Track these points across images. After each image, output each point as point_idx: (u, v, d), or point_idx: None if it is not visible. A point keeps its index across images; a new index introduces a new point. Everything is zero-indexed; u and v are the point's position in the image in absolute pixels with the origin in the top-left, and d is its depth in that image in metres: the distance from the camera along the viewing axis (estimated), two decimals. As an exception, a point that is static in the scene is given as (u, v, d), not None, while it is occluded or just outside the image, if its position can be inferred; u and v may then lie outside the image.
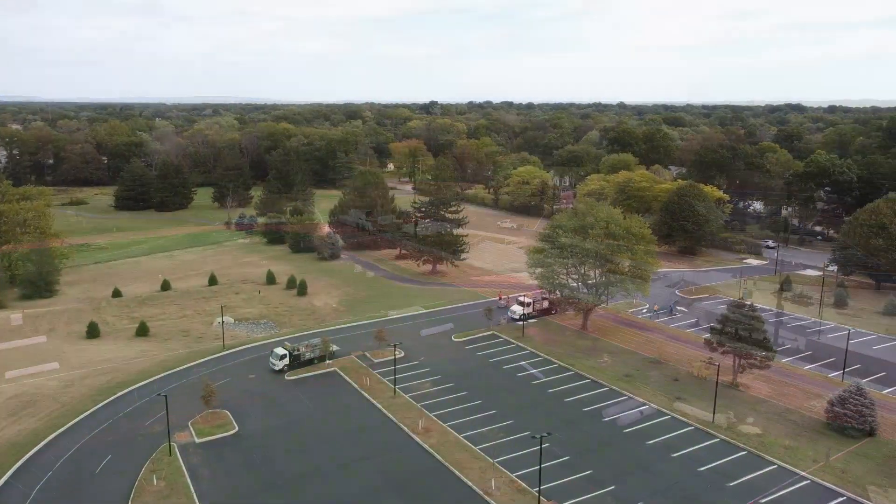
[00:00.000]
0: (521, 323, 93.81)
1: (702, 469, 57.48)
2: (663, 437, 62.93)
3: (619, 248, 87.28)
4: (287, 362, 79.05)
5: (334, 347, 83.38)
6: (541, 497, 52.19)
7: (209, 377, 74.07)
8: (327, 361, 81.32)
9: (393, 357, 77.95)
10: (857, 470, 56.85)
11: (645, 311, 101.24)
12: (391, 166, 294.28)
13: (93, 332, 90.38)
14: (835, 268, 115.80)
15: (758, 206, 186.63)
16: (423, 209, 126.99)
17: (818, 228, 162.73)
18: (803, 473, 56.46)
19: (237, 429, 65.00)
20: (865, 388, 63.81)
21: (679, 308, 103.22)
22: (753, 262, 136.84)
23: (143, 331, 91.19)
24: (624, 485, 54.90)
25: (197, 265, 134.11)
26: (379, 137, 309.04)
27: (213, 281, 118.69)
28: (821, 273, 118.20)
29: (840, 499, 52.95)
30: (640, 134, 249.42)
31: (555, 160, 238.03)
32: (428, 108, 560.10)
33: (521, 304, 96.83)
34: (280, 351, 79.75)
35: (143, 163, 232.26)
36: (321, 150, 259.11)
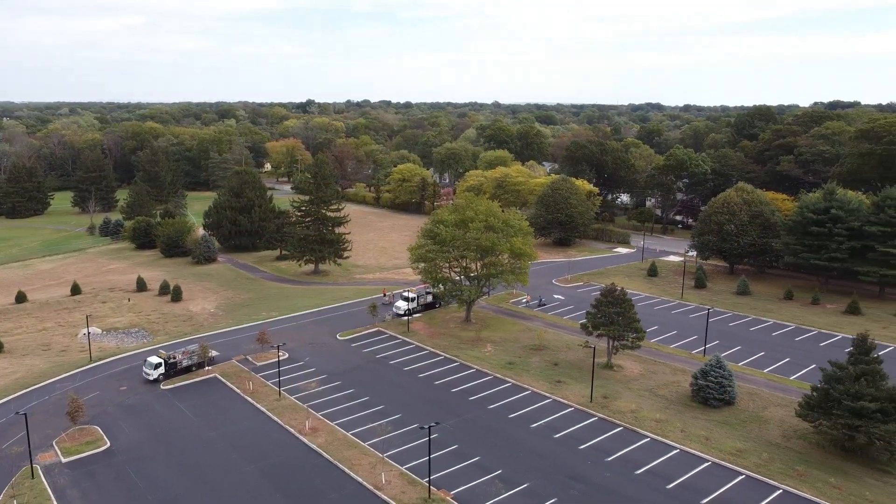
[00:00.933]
0: (406, 318, 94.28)
1: (582, 447, 60.24)
2: (546, 420, 65.37)
3: (499, 240, 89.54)
4: (162, 371, 75.15)
5: (214, 353, 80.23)
6: (431, 486, 52.80)
7: (75, 392, 69.04)
8: (206, 368, 78.10)
9: (277, 359, 76.05)
10: (720, 436, 61.62)
11: (524, 301, 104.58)
12: (268, 166, 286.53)
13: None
14: (694, 253, 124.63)
15: (625, 198, 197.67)
16: (303, 208, 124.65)
17: (678, 217, 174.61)
18: (673, 443, 60.51)
19: (109, 444, 61.16)
20: (724, 362, 69.12)
21: (556, 296, 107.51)
22: (622, 250, 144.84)
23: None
24: (511, 468, 56.56)
25: (57, 274, 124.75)
26: (254, 137, 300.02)
27: (76, 290, 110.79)
28: (682, 258, 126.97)
29: (706, 464, 57.17)
30: (514, 132, 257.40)
31: (434, 158, 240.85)
32: (305, 108, 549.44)
33: (406, 299, 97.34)
34: (154, 360, 75.69)
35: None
36: (192, 150, 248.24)
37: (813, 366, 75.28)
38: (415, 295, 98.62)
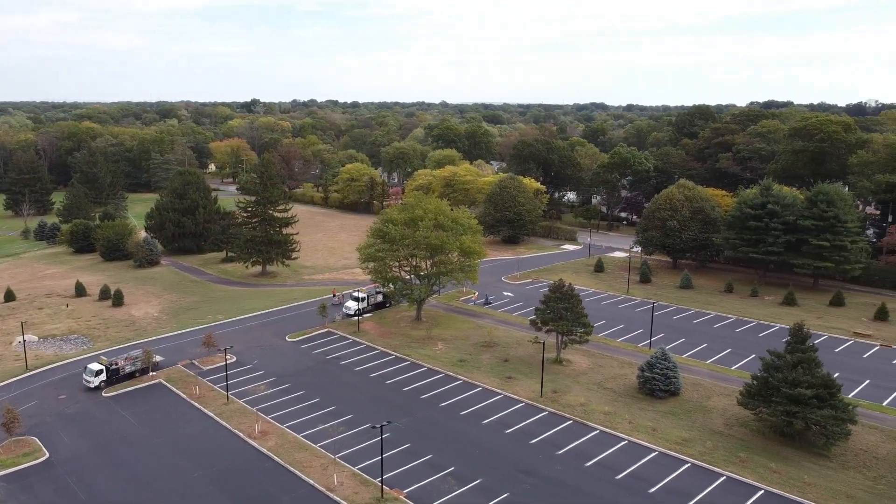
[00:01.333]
0: (356, 318, 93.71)
1: (533, 441, 60.93)
2: (497, 416, 65.88)
3: (448, 239, 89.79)
4: (104, 378, 72.84)
5: (158, 358, 78.20)
6: (383, 486, 52.62)
7: (10, 402, 66.32)
8: (151, 373, 76.05)
9: (224, 362, 74.59)
10: (666, 426, 63.18)
11: (473, 299, 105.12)
12: (212, 166, 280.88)
13: None
14: (638, 249, 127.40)
15: (571, 195, 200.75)
16: (250, 209, 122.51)
17: (623, 214, 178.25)
18: (621, 435, 61.76)
19: (48, 455, 58.97)
20: (669, 354, 70.89)
21: (505, 294, 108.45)
22: (570, 247, 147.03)
23: (-77, 358, 79.77)
24: (463, 465, 56.80)
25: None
26: (197, 137, 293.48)
27: (9, 296, 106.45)
28: (627, 254, 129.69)
29: (653, 453, 58.54)
30: (462, 131, 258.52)
31: (382, 157, 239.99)
32: (250, 107, 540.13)
33: (356, 299, 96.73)
34: (95, 366, 73.26)
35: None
36: (132, 150, 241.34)
37: (753, 356, 77.78)
38: (365, 295, 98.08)
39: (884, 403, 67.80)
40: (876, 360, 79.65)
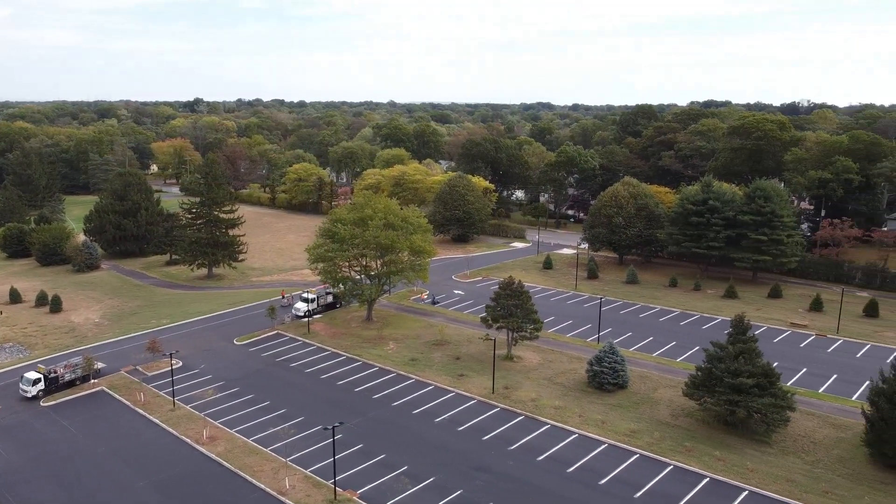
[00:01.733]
0: (306, 319, 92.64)
1: (486, 438, 61.33)
2: (449, 414, 66.08)
3: (399, 238, 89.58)
4: (42, 387, 70.18)
5: (100, 365, 75.73)
6: (336, 488, 52.20)
7: (-59, 415, 63.35)
8: (92, 381, 73.64)
9: (170, 368, 72.72)
10: (615, 419, 64.42)
11: (422, 298, 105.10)
12: (154, 167, 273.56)
13: None
14: (586, 245, 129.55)
15: (520, 194, 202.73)
16: (194, 210, 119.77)
17: (570, 212, 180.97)
18: (572, 428, 62.70)
19: (-17, 468, 56.49)
20: (617, 348, 72.28)
21: (456, 292, 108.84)
22: (519, 245, 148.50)
23: None
24: (416, 463, 56.78)
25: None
26: (138, 137, 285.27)
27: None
28: (574, 251, 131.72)
29: (603, 446, 59.62)
30: (411, 130, 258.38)
31: (331, 157, 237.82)
32: (193, 106, 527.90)
33: (305, 300, 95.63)
34: (32, 375, 70.52)
35: None
36: (69, 151, 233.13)
37: (697, 347, 79.95)
38: (314, 296, 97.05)
39: (820, 390, 70.63)
40: (812, 349, 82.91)
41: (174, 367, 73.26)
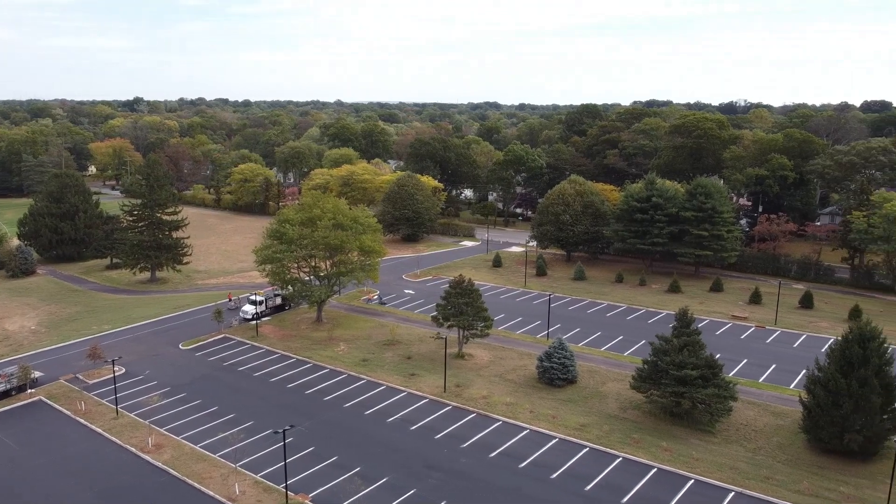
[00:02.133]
0: (254, 322, 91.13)
1: (438, 436, 61.46)
2: (402, 413, 65.97)
3: (348, 238, 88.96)
4: (-25, 398, 67.23)
5: (37, 374, 72.94)
6: (288, 492, 51.53)
7: None
8: (29, 391, 70.87)
9: (112, 375, 70.53)
10: (565, 413, 65.39)
11: (370, 299, 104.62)
12: (93, 169, 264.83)
13: None
14: (534, 243, 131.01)
15: (468, 193, 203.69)
16: (136, 212, 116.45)
17: (519, 210, 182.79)
18: (523, 424, 63.37)
19: (-89, 486, 53.77)
20: (566, 343, 73.37)
21: (406, 291, 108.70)
22: (468, 243, 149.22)
23: None
24: (369, 464, 56.52)
25: None
26: (75, 137, 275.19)
27: None
28: (523, 248, 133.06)
29: (554, 440, 60.45)
30: (359, 130, 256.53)
31: (277, 157, 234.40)
32: (133, 106, 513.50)
33: (253, 302, 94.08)
34: (-36, 386, 67.50)
35: None
36: (1, 151, 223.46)
37: (643, 341, 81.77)
38: (263, 298, 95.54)
39: (760, 380, 73.14)
40: (752, 341, 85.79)
41: (117, 373, 71.15)
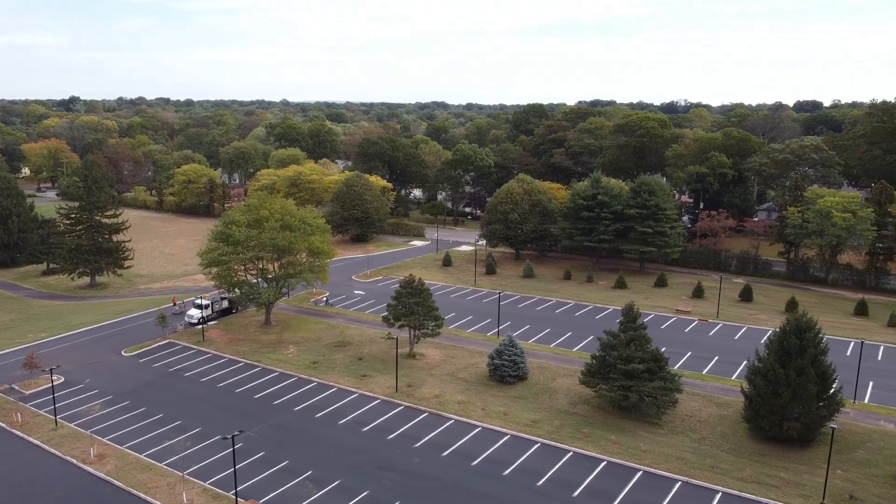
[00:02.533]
0: (200, 326, 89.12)
1: (391, 437, 61.23)
2: (353, 415, 65.50)
3: (296, 239, 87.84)
4: None
5: (-31, 385, 69.77)
6: (238, 498, 50.56)
7: None
8: (-39, 403, 67.68)
9: (50, 384, 67.98)
10: (516, 410, 65.99)
11: (324, 300, 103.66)
12: (26, 170, 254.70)
13: None
14: (483, 242, 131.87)
15: (417, 192, 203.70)
16: (73, 215, 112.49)
17: (468, 209, 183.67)
18: (475, 422, 63.68)
19: None
20: (516, 341, 74.04)
21: (356, 292, 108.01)
22: (418, 243, 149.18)
23: None
24: (321, 467, 55.93)
25: None
26: (7, 138, 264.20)
27: None
28: (473, 247, 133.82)
29: (506, 437, 60.94)
30: (305, 129, 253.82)
31: (222, 157, 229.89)
32: (69, 105, 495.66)
33: (199, 306, 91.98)
34: None
35: None
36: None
37: (591, 337, 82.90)
38: (209, 301, 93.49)
39: (703, 372, 75.25)
40: (695, 334, 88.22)
41: (55, 383, 68.59)
